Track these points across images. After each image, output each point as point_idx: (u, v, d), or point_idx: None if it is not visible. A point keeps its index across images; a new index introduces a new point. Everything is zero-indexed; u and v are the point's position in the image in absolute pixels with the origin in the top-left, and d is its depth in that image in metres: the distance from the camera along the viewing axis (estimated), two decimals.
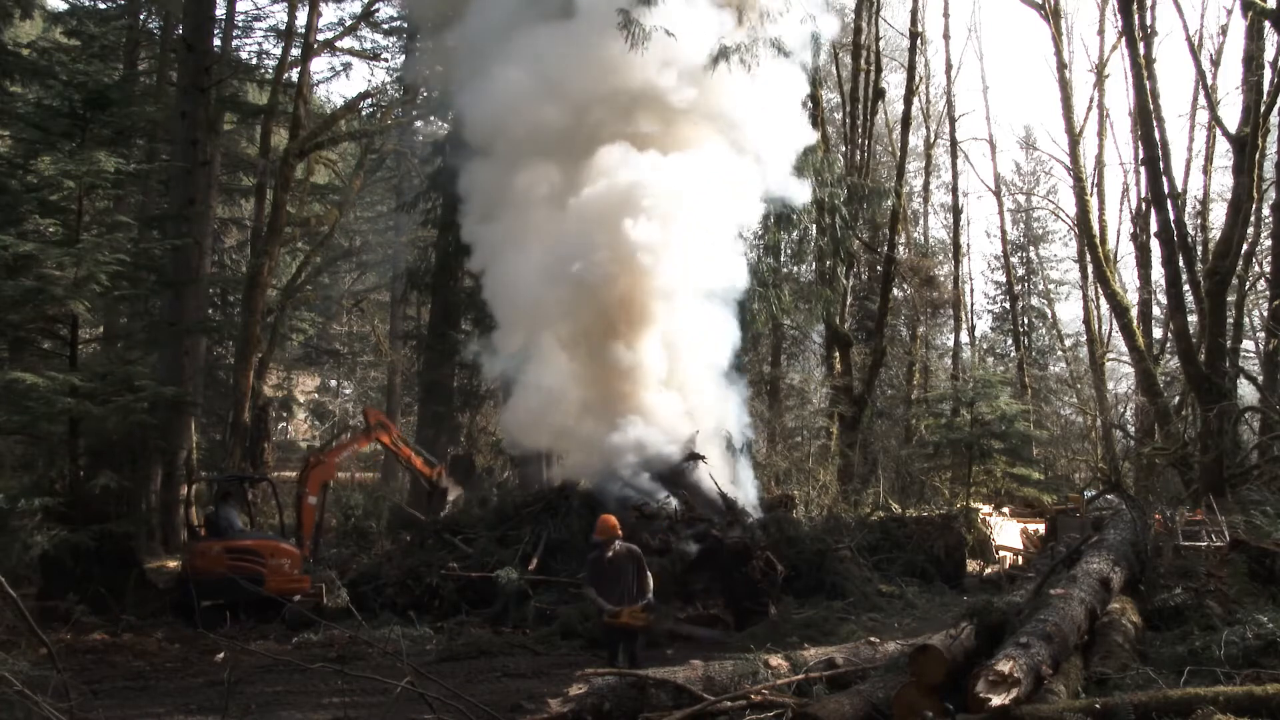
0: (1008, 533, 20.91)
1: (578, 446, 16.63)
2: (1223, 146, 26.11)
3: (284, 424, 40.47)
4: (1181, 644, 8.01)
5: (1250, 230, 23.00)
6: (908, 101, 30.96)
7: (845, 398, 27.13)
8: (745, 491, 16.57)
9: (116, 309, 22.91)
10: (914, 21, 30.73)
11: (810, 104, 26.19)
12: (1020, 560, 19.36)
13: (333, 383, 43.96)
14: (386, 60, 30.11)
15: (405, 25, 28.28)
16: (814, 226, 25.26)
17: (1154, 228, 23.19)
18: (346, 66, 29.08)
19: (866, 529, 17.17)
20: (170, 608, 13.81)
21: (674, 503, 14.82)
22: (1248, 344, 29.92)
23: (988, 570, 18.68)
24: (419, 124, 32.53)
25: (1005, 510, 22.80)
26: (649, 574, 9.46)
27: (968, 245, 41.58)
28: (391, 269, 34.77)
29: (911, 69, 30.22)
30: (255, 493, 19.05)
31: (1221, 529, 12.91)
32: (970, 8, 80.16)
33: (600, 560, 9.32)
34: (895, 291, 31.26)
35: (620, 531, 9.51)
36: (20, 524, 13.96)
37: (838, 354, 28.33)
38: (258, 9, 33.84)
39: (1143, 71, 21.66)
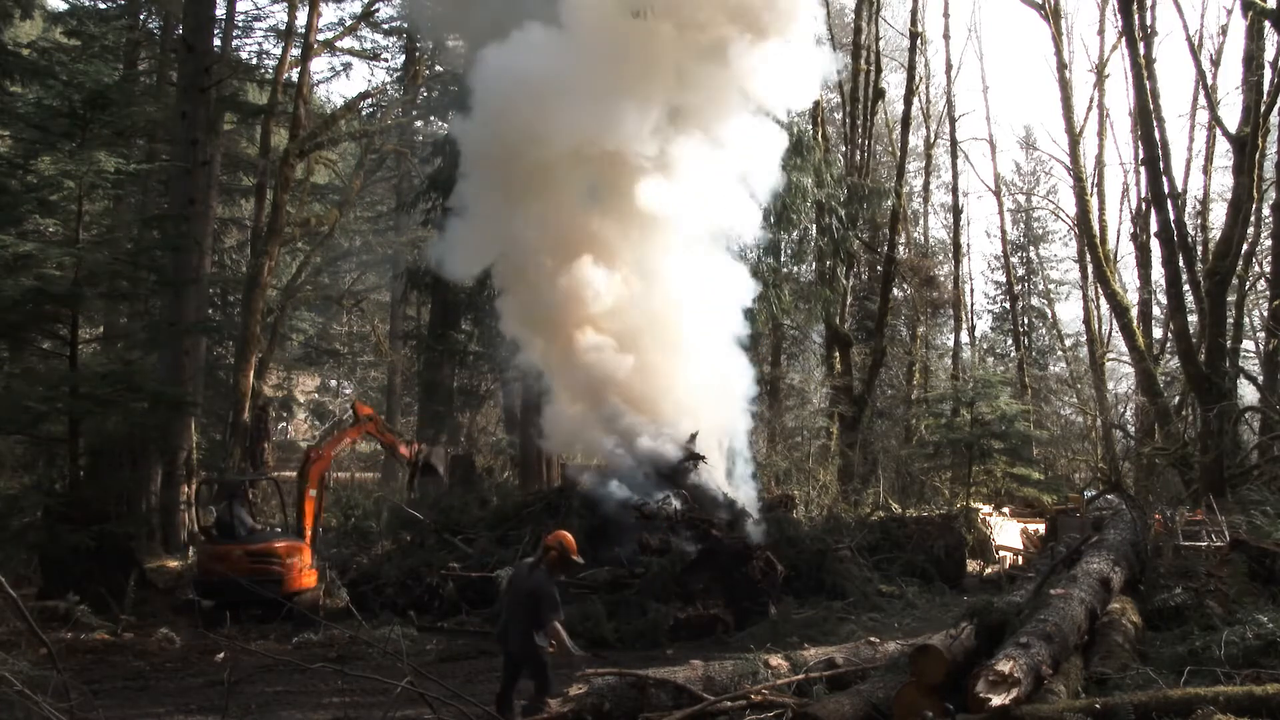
0: (1008, 533, 20.90)
1: (578, 446, 16.64)
2: (1223, 146, 26.13)
3: (284, 424, 40.46)
4: (1181, 644, 8.02)
5: (1250, 230, 22.98)
6: (908, 101, 30.98)
7: (845, 398, 27.13)
8: (745, 492, 16.56)
9: (116, 309, 22.91)
10: (914, 21, 30.76)
11: (810, 104, 26.24)
12: (1020, 560, 19.35)
13: (333, 383, 43.95)
14: (386, 60, 30.15)
15: (405, 25, 28.31)
16: (814, 226, 25.27)
17: (1154, 228, 23.18)
18: (346, 66, 29.07)
19: (866, 529, 17.17)
20: (196, 611, 13.88)
21: (674, 503, 14.82)
22: (1248, 344, 29.90)
23: (988, 570, 18.68)
24: (419, 124, 32.56)
25: (1005, 510, 22.79)
26: None
27: (968, 245, 41.58)
28: (391, 269, 34.77)
29: (911, 69, 30.24)
30: (256, 492, 19.07)
31: (1221, 529, 12.90)
32: (970, 8, 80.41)
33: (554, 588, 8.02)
34: (895, 291, 31.26)
35: None
36: (20, 524, 13.98)
37: (838, 354, 28.33)
38: (258, 9, 33.75)
39: (1143, 71, 21.65)
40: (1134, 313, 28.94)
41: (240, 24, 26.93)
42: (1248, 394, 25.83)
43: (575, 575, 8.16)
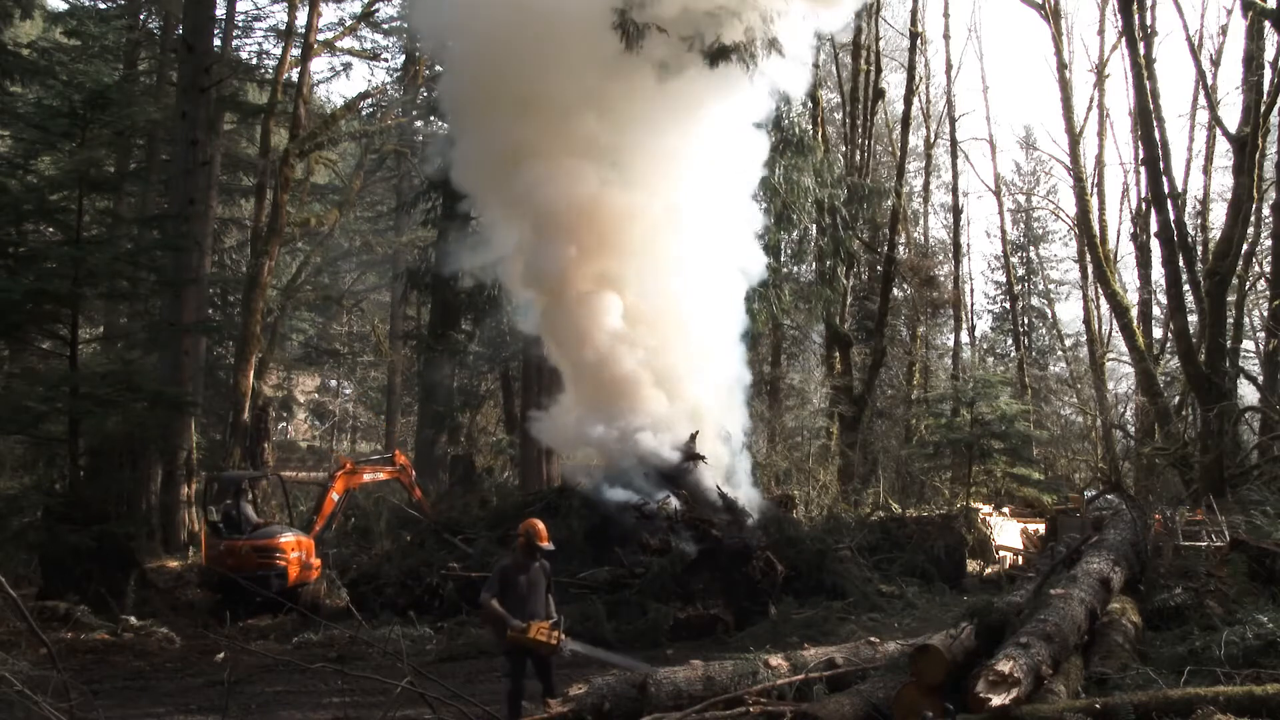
0: (1008, 533, 20.88)
1: (578, 446, 16.65)
2: (1223, 146, 26.12)
3: (284, 424, 40.46)
4: (1181, 644, 8.01)
5: (1250, 230, 22.96)
6: (908, 101, 30.97)
7: (845, 398, 27.12)
8: (745, 492, 16.56)
9: (116, 309, 22.92)
10: (914, 21, 30.75)
11: (810, 104, 26.24)
12: (1020, 560, 19.34)
13: (333, 383, 43.97)
14: (386, 60, 30.19)
15: (405, 25, 28.33)
16: (814, 226, 25.27)
17: (1154, 228, 23.16)
18: (346, 66, 29.15)
19: (866, 529, 17.16)
20: (196, 608, 14.00)
21: (674, 503, 14.82)
22: (1248, 344, 29.88)
23: (988, 570, 18.66)
24: (419, 124, 32.58)
25: (1005, 510, 22.78)
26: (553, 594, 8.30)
27: (968, 245, 41.64)
28: (391, 269, 34.79)
29: (911, 69, 30.22)
30: (258, 490, 19.12)
31: (1221, 529, 12.89)
32: (970, 8, 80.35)
33: (513, 571, 7.98)
34: (895, 291, 31.24)
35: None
36: (20, 524, 13.99)
37: (838, 354, 28.33)
38: (258, 9, 33.85)
39: (1143, 71, 21.63)
40: (1134, 313, 28.93)
41: (240, 24, 26.99)
42: (1248, 394, 25.84)
43: (539, 560, 8.12)
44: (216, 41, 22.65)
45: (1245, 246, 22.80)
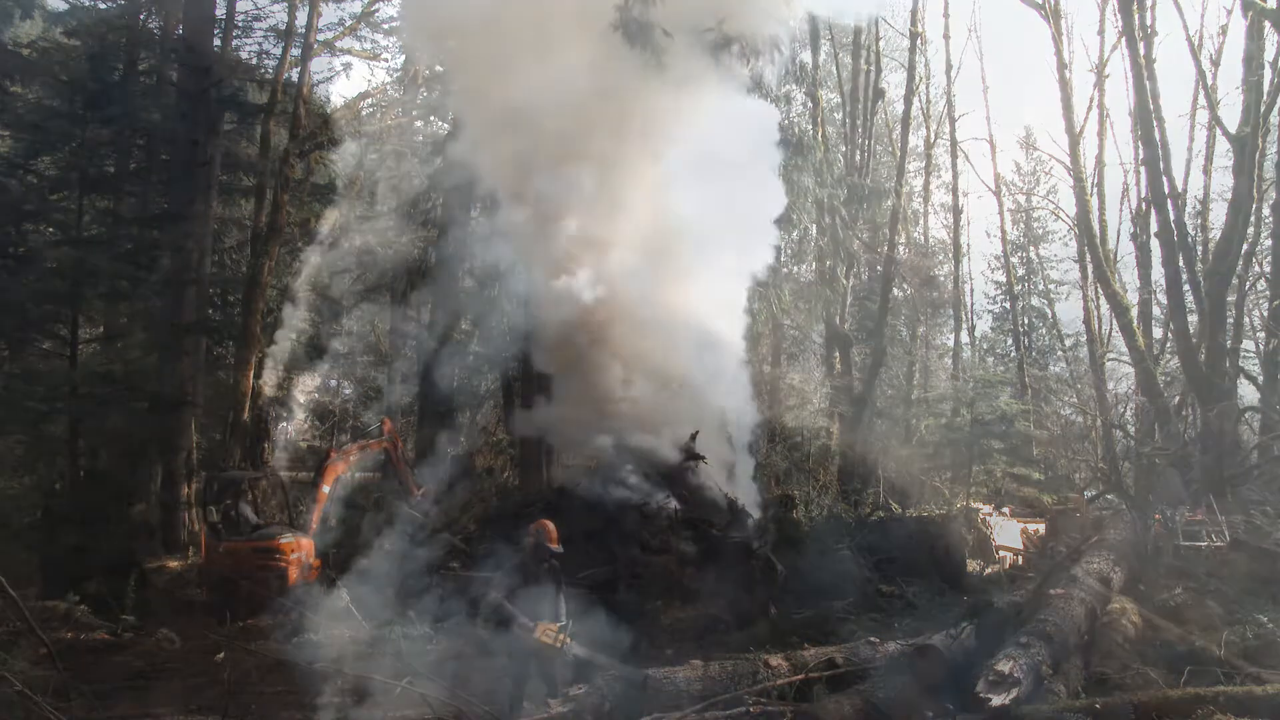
0: (1008, 533, 20.89)
1: (578, 446, 16.65)
2: (1223, 146, 26.06)
3: (284, 424, 40.39)
4: (1181, 644, 8.02)
5: (1250, 230, 22.97)
6: (908, 101, 30.95)
7: (845, 398, 27.13)
8: (745, 491, 16.56)
9: (116, 309, 22.91)
10: (914, 21, 30.73)
11: (810, 104, 26.25)
12: (1020, 560, 19.36)
13: (333, 383, 43.91)
14: (386, 60, 30.18)
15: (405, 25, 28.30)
16: (814, 226, 25.29)
17: (1154, 228, 23.16)
18: (346, 66, 29.20)
19: (866, 529, 17.16)
20: (203, 609, 14.01)
21: (674, 503, 14.81)
22: (1248, 344, 29.87)
23: (988, 570, 18.67)
24: (419, 124, 32.55)
25: (1005, 510, 22.79)
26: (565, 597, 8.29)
27: (968, 245, 41.45)
28: (392, 269, 34.74)
29: (911, 69, 30.21)
30: (258, 491, 19.13)
31: (1221, 529, 12.89)
32: (970, 8, 79.77)
33: (522, 571, 8.11)
34: (895, 291, 31.24)
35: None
36: (20, 524, 14.00)
37: (838, 354, 28.34)
38: (258, 9, 33.57)
39: (1143, 71, 21.63)
40: (1134, 313, 28.89)
41: (240, 24, 26.87)
42: (1248, 394, 25.84)
43: (548, 559, 8.13)
44: (216, 41, 22.64)
45: (1245, 246, 22.80)
